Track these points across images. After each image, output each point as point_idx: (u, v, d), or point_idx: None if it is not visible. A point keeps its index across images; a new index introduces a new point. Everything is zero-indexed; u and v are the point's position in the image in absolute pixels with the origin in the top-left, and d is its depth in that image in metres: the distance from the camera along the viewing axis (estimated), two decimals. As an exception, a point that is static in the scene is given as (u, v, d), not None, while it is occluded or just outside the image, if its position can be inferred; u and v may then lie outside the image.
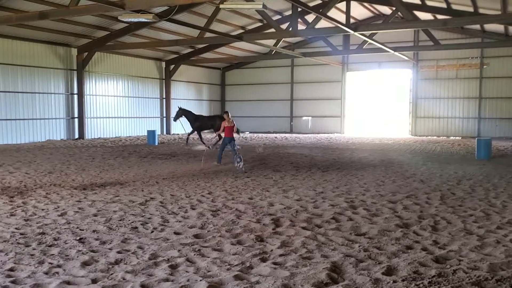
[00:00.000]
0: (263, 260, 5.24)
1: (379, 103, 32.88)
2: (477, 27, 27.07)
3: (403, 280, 4.62)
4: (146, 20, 15.01)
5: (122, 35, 23.67)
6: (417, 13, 22.57)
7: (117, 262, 5.15)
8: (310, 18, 22.62)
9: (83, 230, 6.49)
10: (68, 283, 4.55)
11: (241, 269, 4.92)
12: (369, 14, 29.77)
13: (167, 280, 4.63)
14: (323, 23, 21.23)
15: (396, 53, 25.65)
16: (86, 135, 25.44)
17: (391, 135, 30.54)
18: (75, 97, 25.04)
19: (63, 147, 20.07)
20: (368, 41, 22.96)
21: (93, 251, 5.53)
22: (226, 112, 14.48)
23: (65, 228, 6.59)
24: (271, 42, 25.33)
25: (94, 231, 6.44)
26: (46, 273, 4.80)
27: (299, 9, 19.18)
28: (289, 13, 23.85)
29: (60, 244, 5.81)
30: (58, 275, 4.77)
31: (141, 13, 14.83)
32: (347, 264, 5.08)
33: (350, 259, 5.23)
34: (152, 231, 6.46)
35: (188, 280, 4.62)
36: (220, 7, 14.73)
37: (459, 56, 29.38)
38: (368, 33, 22.67)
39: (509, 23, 22.92)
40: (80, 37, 23.76)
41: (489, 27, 26.45)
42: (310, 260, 5.24)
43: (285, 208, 8.01)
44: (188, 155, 17.03)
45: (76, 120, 25.16)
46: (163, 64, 31.12)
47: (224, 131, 13.91)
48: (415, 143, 24.22)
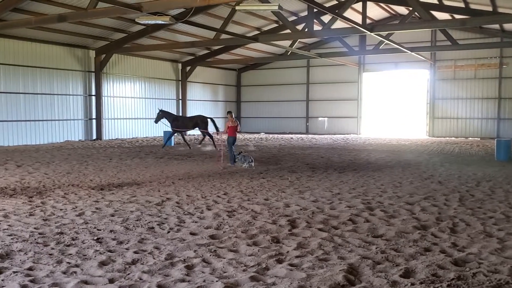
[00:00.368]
0: (279, 261, 5.22)
1: (396, 103, 32.58)
2: (496, 26, 26.63)
3: (421, 282, 4.56)
4: (162, 22, 15.11)
5: (139, 37, 23.89)
6: (435, 13, 22.31)
7: (134, 262, 5.18)
8: (326, 18, 22.54)
9: (100, 230, 6.55)
10: (85, 282, 4.59)
11: (257, 270, 4.90)
12: (386, 14, 29.56)
13: (183, 280, 4.64)
14: (339, 24, 21.15)
15: (413, 53, 25.39)
16: (103, 136, 25.74)
17: (408, 136, 30.24)
18: (93, 98, 25.34)
19: (81, 148, 20.30)
20: (384, 41, 22.79)
21: (110, 251, 5.57)
22: (229, 112, 14.94)
23: (82, 228, 6.66)
24: (286, 43, 25.29)
25: (111, 231, 6.49)
26: (64, 273, 4.85)
27: (315, 10, 19.12)
28: (305, 14, 23.81)
29: (78, 243, 5.87)
30: (76, 274, 4.82)
31: (158, 15, 14.94)
32: (364, 266, 5.04)
33: (367, 261, 5.18)
34: (168, 232, 6.49)
35: (204, 280, 4.63)
36: (236, 8, 14.76)
37: (477, 56, 28.96)
38: (384, 33, 22.50)
39: (529, 22, 22.49)
40: (98, 39, 24.06)
41: (508, 26, 25.99)
42: (326, 261, 5.20)
43: (301, 209, 7.98)
44: (204, 156, 17.08)
45: (94, 121, 25.45)
46: (180, 65, 31.30)
47: (228, 131, 14.38)
48: (432, 144, 23.93)
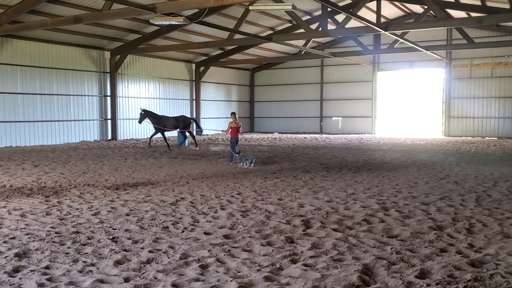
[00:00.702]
0: (294, 261, 5.20)
1: (411, 103, 32.27)
2: (514, 24, 26.28)
3: (437, 283, 4.51)
4: (177, 23, 15.21)
5: (153, 38, 24.04)
6: (450, 11, 22.05)
7: (148, 261, 5.21)
8: (340, 18, 22.43)
9: (115, 229, 6.60)
10: (101, 281, 4.63)
11: (271, 270, 4.89)
12: (400, 13, 29.29)
13: (197, 280, 4.65)
14: (353, 23, 21.01)
15: (428, 52, 25.13)
16: (118, 136, 25.95)
17: (424, 135, 29.94)
18: (108, 99, 25.58)
19: (96, 148, 20.50)
20: (399, 40, 22.60)
21: (125, 250, 5.61)
22: (233, 113, 15.02)
23: (98, 227, 6.72)
24: (300, 42, 25.22)
25: (126, 230, 6.54)
26: (80, 272, 4.90)
27: (329, 9, 19.04)
28: (319, 13, 23.76)
29: (93, 243, 5.93)
30: (91, 273, 4.86)
31: (172, 16, 15.02)
32: (379, 266, 5.00)
33: (382, 261, 5.14)
34: (182, 231, 6.51)
35: (218, 280, 4.64)
36: (249, 8, 14.78)
37: (494, 54, 28.53)
38: (399, 32, 22.29)
39: (547, 19, 22.10)
40: (112, 40, 24.27)
41: (526, 24, 25.65)
42: (341, 262, 5.18)
43: (315, 209, 7.94)
44: (217, 156, 17.12)
45: (109, 121, 25.68)
46: (193, 66, 31.41)
47: (230, 131, 14.49)
48: (448, 143, 23.67)
